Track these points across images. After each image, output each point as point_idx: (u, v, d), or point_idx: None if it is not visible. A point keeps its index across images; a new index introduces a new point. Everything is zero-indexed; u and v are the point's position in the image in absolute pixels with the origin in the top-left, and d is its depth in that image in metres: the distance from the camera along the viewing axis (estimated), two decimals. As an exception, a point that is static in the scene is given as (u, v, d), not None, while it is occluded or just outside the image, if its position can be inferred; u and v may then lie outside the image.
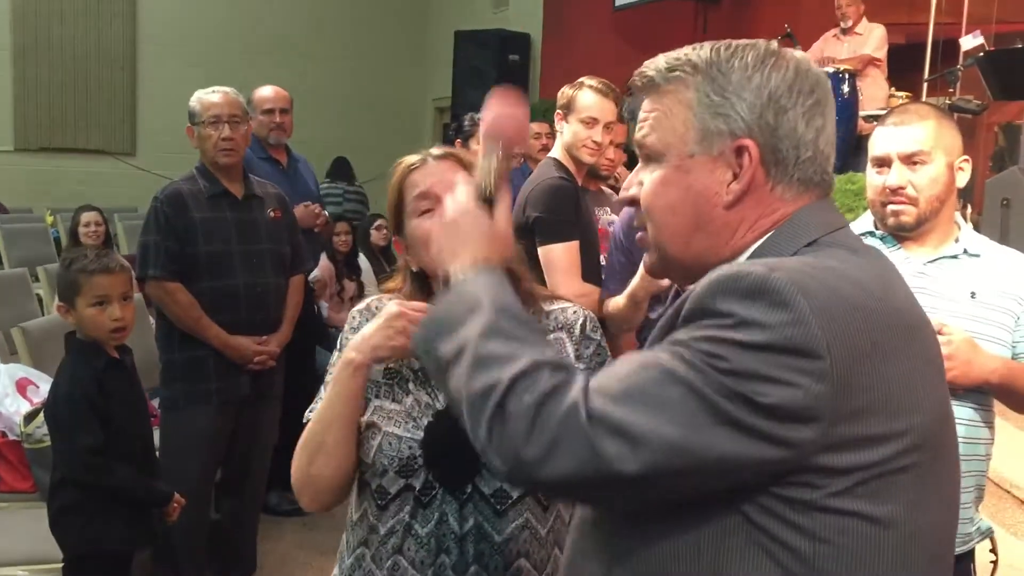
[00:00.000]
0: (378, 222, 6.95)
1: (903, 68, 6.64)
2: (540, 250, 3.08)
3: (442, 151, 1.65)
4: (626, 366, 0.99)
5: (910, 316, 1.06)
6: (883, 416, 0.97)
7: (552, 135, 6.14)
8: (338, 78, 10.18)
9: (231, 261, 3.34)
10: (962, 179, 2.06)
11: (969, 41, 5.59)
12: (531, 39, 8.79)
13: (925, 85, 6.23)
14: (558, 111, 3.27)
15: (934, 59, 6.27)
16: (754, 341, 0.94)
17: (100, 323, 2.61)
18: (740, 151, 1.08)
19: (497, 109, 1.27)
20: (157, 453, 3.02)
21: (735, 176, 1.09)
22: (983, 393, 1.97)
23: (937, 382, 1.07)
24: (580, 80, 3.28)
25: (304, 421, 1.64)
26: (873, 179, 2.08)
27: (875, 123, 2.24)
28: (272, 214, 3.51)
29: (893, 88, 6.42)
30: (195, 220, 3.30)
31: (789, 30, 6.67)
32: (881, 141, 2.07)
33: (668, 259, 1.16)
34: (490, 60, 8.46)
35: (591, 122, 3.19)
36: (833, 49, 6.58)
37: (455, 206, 1.22)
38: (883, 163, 2.06)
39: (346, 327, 1.69)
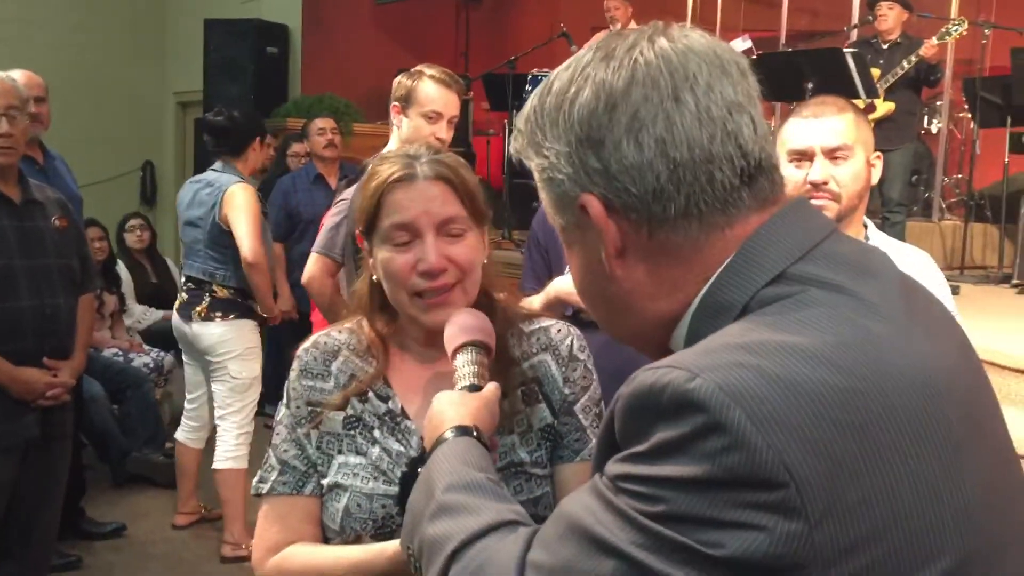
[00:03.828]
0: (131, 222, 6.25)
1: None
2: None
3: (435, 168, 1.35)
4: (560, 525, 0.81)
5: (923, 380, 0.77)
6: (895, 539, 0.72)
7: (338, 132, 5.84)
8: (71, 68, 9.09)
9: (14, 279, 2.81)
10: (876, 175, 2.04)
11: (738, 44, 5.86)
12: (289, 30, 8.32)
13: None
14: (394, 103, 2.99)
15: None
16: (690, 475, 0.72)
17: None
18: (583, 211, 0.86)
19: (460, 316, 1.30)
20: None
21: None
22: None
23: (983, 472, 0.79)
24: (419, 69, 3.01)
25: (256, 493, 1.37)
26: (792, 174, 2.00)
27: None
28: (57, 223, 2.98)
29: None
30: None
31: (564, 29, 6.73)
32: (799, 134, 2.00)
33: (619, 340, 0.94)
34: (246, 52, 7.89)
35: (435, 116, 2.94)
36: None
37: (438, 401, 1.20)
38: (803, 156, 1.99)
39: (294, 373, 1.42)
